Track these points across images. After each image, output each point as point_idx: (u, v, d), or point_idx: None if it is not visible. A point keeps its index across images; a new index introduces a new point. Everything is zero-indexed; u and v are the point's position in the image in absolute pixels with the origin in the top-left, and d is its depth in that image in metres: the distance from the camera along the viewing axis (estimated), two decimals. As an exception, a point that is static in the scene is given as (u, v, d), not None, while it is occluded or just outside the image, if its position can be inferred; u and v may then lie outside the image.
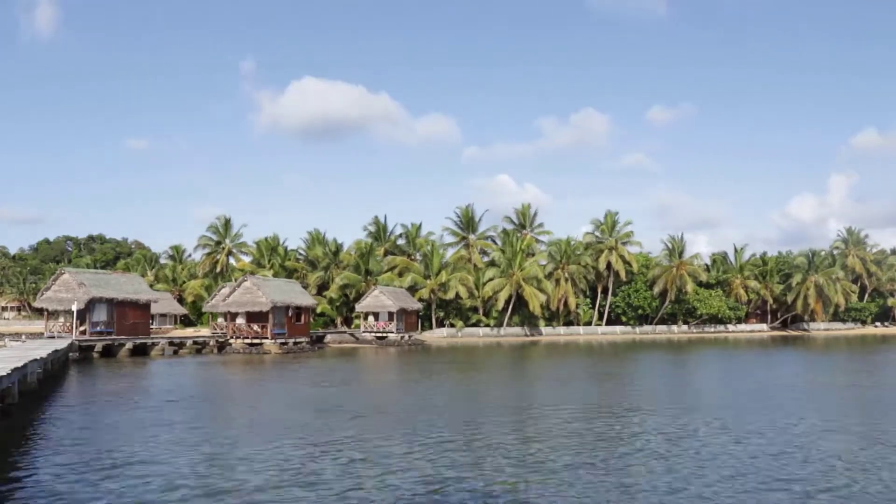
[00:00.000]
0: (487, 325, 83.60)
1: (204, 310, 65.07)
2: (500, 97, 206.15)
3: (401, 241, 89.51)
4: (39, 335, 48.87)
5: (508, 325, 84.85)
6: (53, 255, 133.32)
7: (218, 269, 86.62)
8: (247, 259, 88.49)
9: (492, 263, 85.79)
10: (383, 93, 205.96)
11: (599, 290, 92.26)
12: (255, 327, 53.42)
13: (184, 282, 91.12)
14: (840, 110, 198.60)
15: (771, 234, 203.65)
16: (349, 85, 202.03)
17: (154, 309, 62.38)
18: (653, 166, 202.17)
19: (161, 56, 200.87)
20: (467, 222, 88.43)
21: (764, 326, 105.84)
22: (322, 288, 79.76)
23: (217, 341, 53.38)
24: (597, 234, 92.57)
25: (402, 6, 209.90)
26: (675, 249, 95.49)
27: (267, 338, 52.98)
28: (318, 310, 73.83)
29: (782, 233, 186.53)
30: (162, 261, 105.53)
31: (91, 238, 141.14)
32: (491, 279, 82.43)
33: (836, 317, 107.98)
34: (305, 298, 60.99)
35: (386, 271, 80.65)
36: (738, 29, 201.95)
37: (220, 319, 59.03)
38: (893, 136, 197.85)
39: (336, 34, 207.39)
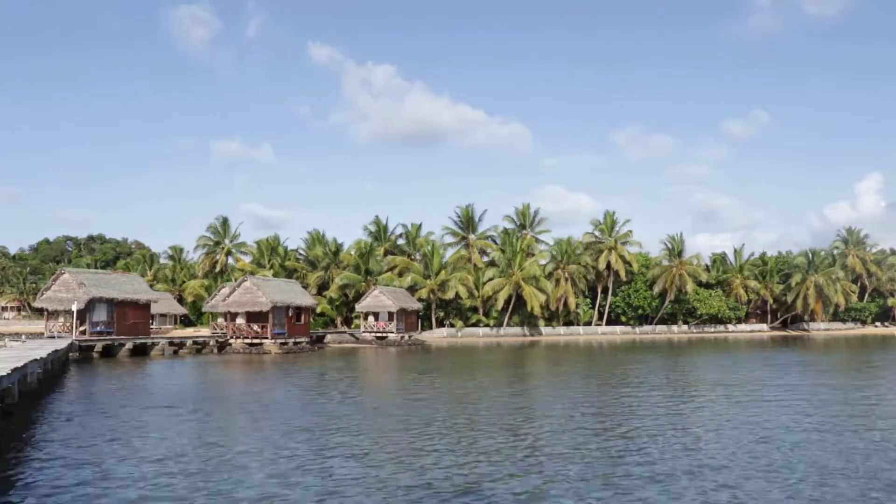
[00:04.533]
0: (487, 325, 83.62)
1: (204, 310, 65.06)
2: (575, 108, 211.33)
3: (401, 241, 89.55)
4: (39, 335, 48.88)
5: (508, 325, 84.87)
6: (53, 255, 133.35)
7: (217, 269, 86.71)
8: (247, 259, 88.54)
9: (492, 263, 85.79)
10: (464, 102, 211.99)
11: (599, 290, 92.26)
12: (255, 327, 53.43)
13: (183, 282, 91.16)
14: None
15: (803, 237, 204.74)
16: (438, 96, 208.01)
17: (154, 309, 62.42)
18: (708, 173, 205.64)
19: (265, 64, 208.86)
20: (467, 222, 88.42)
21: (764, 326, 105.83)
22: (322, 288, 79.78)
23: (217, 341, 53.37)
24: (596, 233, 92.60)
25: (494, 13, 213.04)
26: (675, 249, 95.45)
27: (267, 338, 52.99)
28: (318, 310, 73.87)
29: (815, 236, 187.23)
30: (162, 261, 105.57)
31: (91, 238, 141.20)
32: (491, 279, 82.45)
33: (836, 317, 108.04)
34: (305, 298, 60.98)
35: (386, 271, 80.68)
36: (825, 36, 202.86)
37: (220, 319, 59.05)
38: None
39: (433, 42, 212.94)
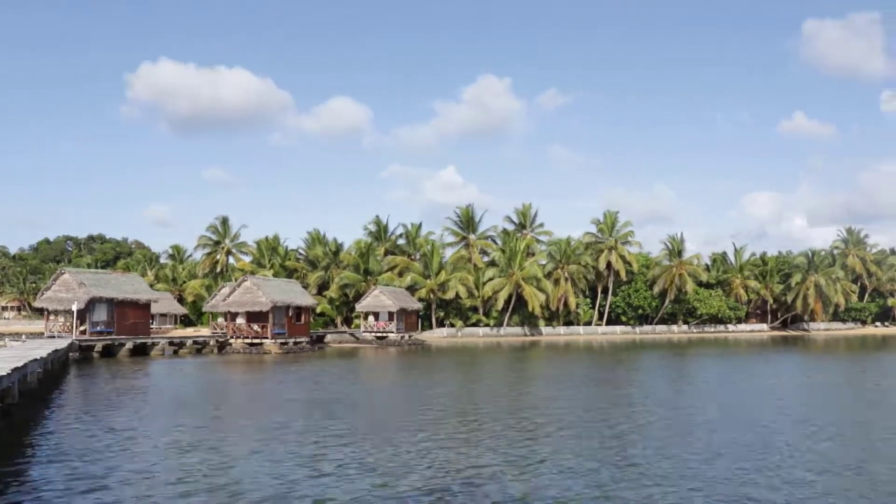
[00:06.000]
0: (487, 325, 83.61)
1: (204, 310, 65.07)
2: (399, 79, 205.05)
3: (401, 241, 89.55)
4: (39, 335, 48.81)
5: (508, 324, 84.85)
6: (53, 255, 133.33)
7: (218, 269, 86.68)
8: (247, 259, 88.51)
9: (492, 263, 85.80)
10: (268, 79, 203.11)
11: (599, 290, 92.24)
12: (255, 327, 53.41)
13: (184, 282, 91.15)
14: (762, 102, 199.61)
15: (726, 230, 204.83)
16: (237, 70, 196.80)
17: (154, 309, 62.36)
18: (576, 159, 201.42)
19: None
20: (467, 222, 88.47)
21: (764, 326, 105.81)
22: (322, 288, 79.76)
23: (217, 341, 53.36)
24: (597, 233, 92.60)
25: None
26: (675, 249, 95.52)
27: (267, 338, 52.96)
28: (318, 310, 73.83)
29: (736, 228, 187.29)
30: (162, 261, 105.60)
31: (91, 238, 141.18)
32: (491, 279, 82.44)
33: (836, 317, 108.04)
34: (305, 298, 60.96)
35: (386, 271, 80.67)
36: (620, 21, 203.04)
37: (220, 319, 59.04)
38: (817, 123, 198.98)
39: (206, 18, 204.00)
